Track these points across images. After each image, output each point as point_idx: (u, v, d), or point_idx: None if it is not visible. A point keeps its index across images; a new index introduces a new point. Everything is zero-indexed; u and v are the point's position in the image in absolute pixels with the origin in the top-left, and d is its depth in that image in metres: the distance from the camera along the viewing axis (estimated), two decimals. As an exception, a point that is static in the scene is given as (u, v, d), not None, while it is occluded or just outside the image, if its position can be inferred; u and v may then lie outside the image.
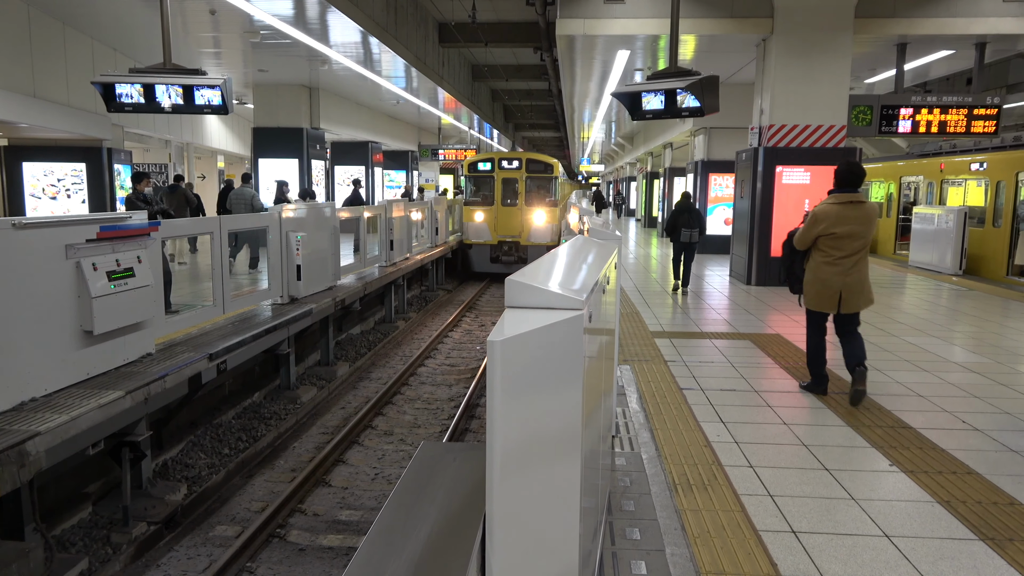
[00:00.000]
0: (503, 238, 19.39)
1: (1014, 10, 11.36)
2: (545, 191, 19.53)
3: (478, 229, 19.43)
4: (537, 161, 19.71)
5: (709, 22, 11.68)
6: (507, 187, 19.49)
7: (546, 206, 19.32)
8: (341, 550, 5.40)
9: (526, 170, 19.39)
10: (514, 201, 19.44)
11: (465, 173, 20.10)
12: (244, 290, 8.65)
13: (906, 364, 7.06)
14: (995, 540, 3.59)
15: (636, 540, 3.57)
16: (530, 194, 19.43)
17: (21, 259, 4.72)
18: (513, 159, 19.74)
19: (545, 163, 19.67)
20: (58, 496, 5.40)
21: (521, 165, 19.46)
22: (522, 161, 19.56)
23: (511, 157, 19.86)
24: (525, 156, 19.73)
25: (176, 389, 5.85)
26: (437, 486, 2.65)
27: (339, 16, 11.28)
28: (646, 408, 5.65)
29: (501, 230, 19.38)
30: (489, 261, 19.56)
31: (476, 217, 19.44)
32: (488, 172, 19.55)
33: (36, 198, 13.98)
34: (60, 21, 12.52)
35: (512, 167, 19.49)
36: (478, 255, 19.69)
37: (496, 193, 19.45)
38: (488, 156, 20.01)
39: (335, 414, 8.51)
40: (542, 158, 19.89)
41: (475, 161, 19.99)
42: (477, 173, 19.71)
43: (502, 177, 19.44)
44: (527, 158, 19.66)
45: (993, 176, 14.20)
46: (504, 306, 2.11)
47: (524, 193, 19.31)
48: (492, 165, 19.57)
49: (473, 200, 19.75)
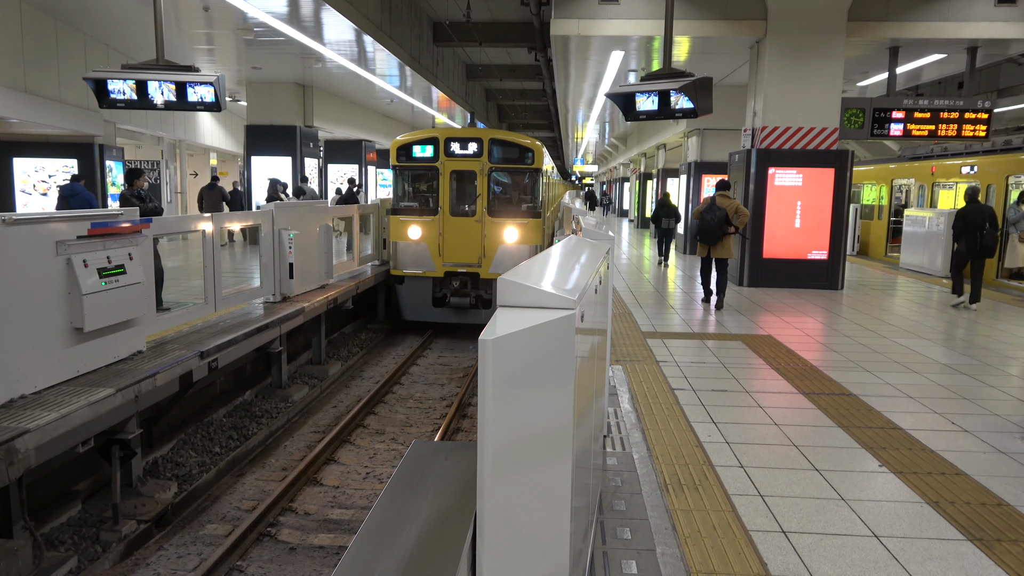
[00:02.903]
0: (453, 268, 12.20)
1: (1005, 14, 11.45)
2: (522, 192, 12.52)
3: (413, 253, 12.22)
4: (508, 143, 12.37)
5: (703, 24, 11.72)
6: (460, 186, 12.42)
7: (523, 217, 12.18)
8: (332, 549, 5.39)
9: (490, 158, 12.09)
10: (471, 208, 12.22)
11: (393, 163, 12.37)
12: (235, 288, 8.61)
13: (896, 365, 7.09)
14: (983, 541, 3.62)
15: (627, 540, 3.58)
16: (497, 197, 12.35)
17: (11, 256, 4.69)
18: (469, 139, 12.18)
19: (521, 146, 12.33)
20: (47, 494, 5.37)
21: (482, 150, 12.05)
22: (483, 143, 12.09)
23: (465, 136, 12.27)
24: (488, 135, 12.34)
25: (167, 387, 5.83)
26: (428, 485, 2.65)
27: (333, 14, 11.26)
28: (638, 408, 5.66)
29: (450, 255, 12.19)
30: (431, 304, 12.32)
31: (409, 234, 12.18)
32: (428, 161, 12.12)
33: (27, 194, 13.90)
34: (52, 17, 12.45)
35: (468, 153, 12.07)
36: (413, 294, 12.38)
37: (442, 196, 12.12)
38: (428, 135, 12.27)
39: (327, 413, 8.49)
40: (516, 138, 12.57)
41: (407, 143, 12.25)
42: (410, 163, 12.27)
43: (451, 169, 12.12)
44: (492, 138, 12.27)
45: (983, 180, 14.29)
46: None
47: (487, 195, 12.12)
48: (435, 149, 12.10)
49: (405, 207, 12.33)
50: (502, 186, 12.54)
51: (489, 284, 12.15)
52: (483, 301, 12.24)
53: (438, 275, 12.23)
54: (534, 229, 12.27)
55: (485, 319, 10.27)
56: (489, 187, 12.17)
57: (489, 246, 12.15)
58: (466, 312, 12.25)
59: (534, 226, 12.28)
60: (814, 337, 8.51)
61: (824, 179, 12.06)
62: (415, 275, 12.27)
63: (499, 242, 12.13)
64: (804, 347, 7.90)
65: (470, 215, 12.20)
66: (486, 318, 10.91)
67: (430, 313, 12.39)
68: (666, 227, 16.34)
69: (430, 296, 12.31)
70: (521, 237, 12.14)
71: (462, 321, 12.32)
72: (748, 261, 12.41)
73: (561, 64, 15.45)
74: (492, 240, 12.13)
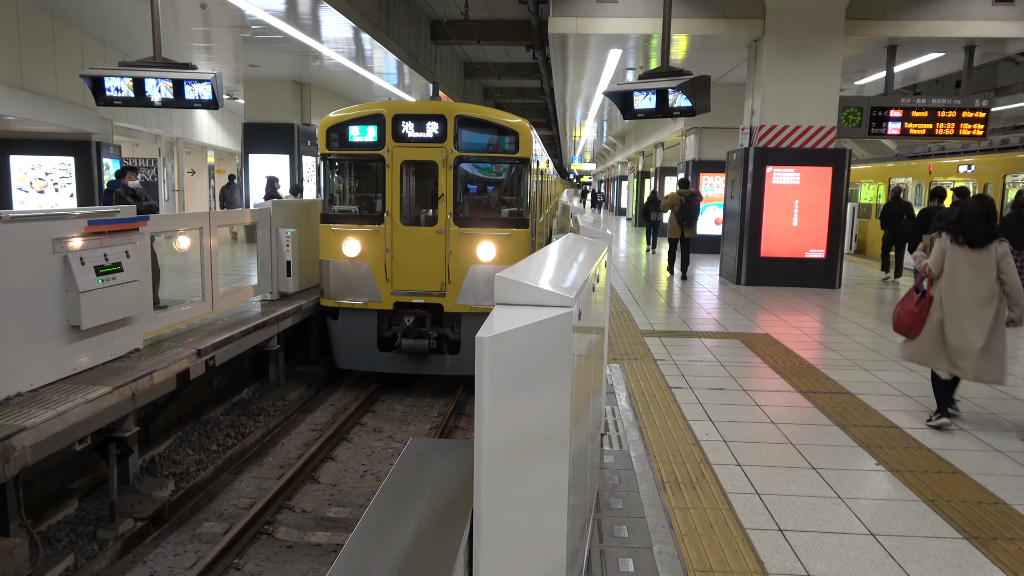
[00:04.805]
0: (406, 297, 8.74)
1: (1002, 13, 11.46)
2: (503, 191, 9.28)
3: (350, 276, 8.78)
4: (483, 123, 8.70)
5: (701, 22, 11.72)
6: (416, 182, 9.30)
7: (503, 226, 8.70)
8: (329, 547, 5.39)
9: (458, 143, 8.55)
10: (430, 214, 8.88)
11: (322, 150, 8.88)
12: (233, 286, 8.59)
13: (893, 364, 7.10)
14: (979, 539, 3.63)
15: (624, 538, 3.59)
16: (469, 198, 9.13)
17: (7, 253, 4.68)
18: (427, 117, 8.59)
19: (500, 126, 8.68)
20: (44, 492, 5.36)
21: (445, 131, 8.51)
22: (447, 123, 8.51)
23: (422, 113, 8.66)
24: (455, 110, 8.69)
25: (164, 385, 5.82)
26: (425, 482, 2.65)
27: (331, 12, 11.24)
28: (635, 407, 5.66)
29: (402, 280, 8.72)
30: (375, 346, 8.85)
31: (345, 249, 8.74)
32: (370, 148, 8.65)
33: (24, 192, 13.87)
34: (49, 14, 12.41)
35: (426, 136, 8.57)
36: (350, 333, 8.90)
37: (390, 196, 8.65)
38: (370, 110, 8.74)
39: (324, 411, 8.49)
40: (494, 116, 8.81)
41: (340, 123, 8.74)
42: (345, 151, 8.80)
43: (403, 159, 8.64)
44: (461, 115, 8.61)
45: (981, 178, 14.31)
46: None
47: (454, 196, 8.61)
48: (379, 131, 8.60)
49: (339, 213, 8.96)
50: (475, 182, 9.29)
51: (456, 320, 8.72)
52: (449, 343, 8.80)
53: (385, 307, 8.70)
54: (519, 243, 8.61)
55: (452, 368, 8.78)
56: (457, 184, 8.62)
57: (456, 267, 8.56)
58: (424, 360, 8.73)
59: (519, 239, 8.62)
60: (811, 336, 8.52)
61: (822, 178, 12.08)
62: (354, 306, 8.74)
63: (470, 261, 8.54)
64: (801, 346, 7.91)
65: (430, 224, 8.68)
66: (454, 367, 8.81)
67: (374, 360, 8.86)
68: (654, 220, 19.07)
69: (374, 336, 8.78)
70: (501, 254, 8.51)
71: (419, 372, 8.86)
72: (746, 260, 12.42)
73: (559, 62, 15.45)
74: (461, 259, 8.55)
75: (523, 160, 8.82)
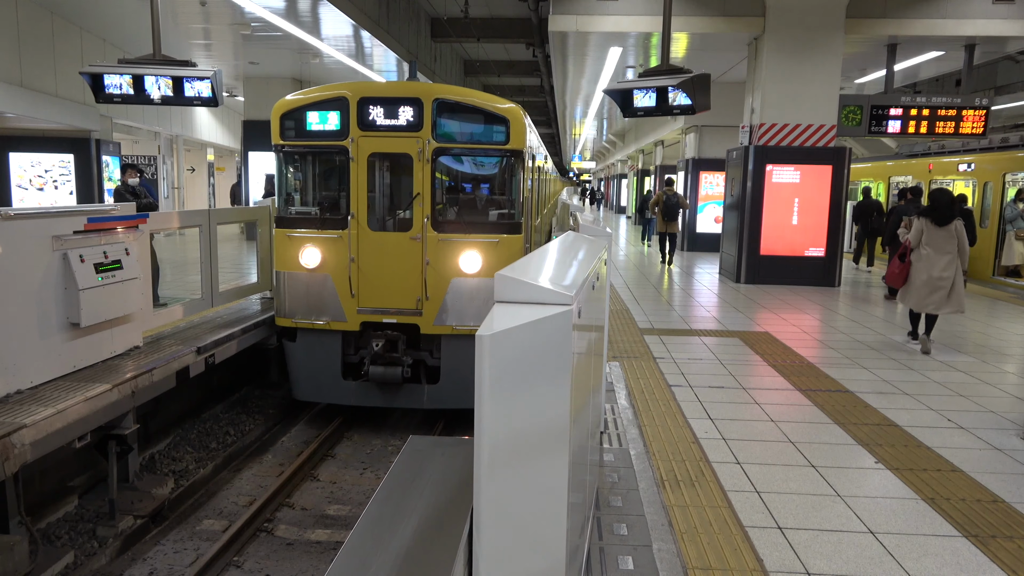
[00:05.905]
0: (375, 316, 7.51)
1: (1003, 12, 11.45)
2: (492, 189, 8.02)
3: (309, 291, 7.56)
4: (466, 107, 7.46)
5: (701, 20, 11.71)
6: (387, 179, 8.08)
7: (491, 231, 7.51)
8: (329, 544, 5.39)
9: (436, 133, 7.34)
10: (404, 217, 7.60)
11: (276, 141, 7.70)
12: (233, 284, 8.57)
13: (892, 363, 7.11)
14: (979, 537, 3.63)
15: (623, 536, 3.59)
16: (449, 198, 8.01)
17: (7, 250, 4.68)
18: (400, 101, 7.36)
19: (487, 112, 7.44)
20: (44, 489, 5.36)
21: (421, 118, 7.31)
22: (423, 108, 7.30)
23: (394, 96, 7.43)
24: (434, 93, 7.37)
25: (164, 382, 5.82)
26: (425, 480, 2.65)
27: (331, 9, 11.23)
28: (634, 405, 5.67)
29: (370, 296, 7.49)
30: (339, 374, 7.63)
31: (303, 259, 7.52)
32: (332, 138, 7.45)
33: (23, 189, 13.87)
34: (49, 11, 12.40)
35: (398, 123, 7.36)
36: (312, 357, 7.65)
37: (355, 196, 7.42)
38: (332, 92, 7.49)
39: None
40: (480, 100, 7.52)
41: (297, 107, 7.63)
42: (303, 142, 7.64)
43: (371, 152, 7.44)
44: (439, 99, 7.32)
45: (980, 177, 14.31)
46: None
47: (432, 196, 7.43)
48: (342, 118, 7.40)
49: (296, 216, 7.82)
50: (458, 179, 8.07)
51: (435, 343, 7.51)
52: (427, 371, 7.58)
53: (350, 328, 7.49)
54: (510, 252, 7.37)
55: (430, 401, 7.44)
56: (435, 182, 7.45)
57: (435, 280, 7.36)
58: (396, 391, 7.53)
59: (510, 247, 7.43)
60: (811, 334, 8.53)
61: (821, 176, 12.07)
62: (314, 327, 7.52)
63: (452, 273, 7.36)
64: (801, 344, 7.91)
65: (403, 229, 7.49)
66: (432, 399, 7.45)
67: (337, 390, 7.64)
68: (649, 217, 19.77)
69: (338, 362, 7.58)
70: (488, 265, 7.31)
71: (390, 404, 7.70)
72: (745, 258, 12.42)
73: (559, 60, 15.44)
74: (440, 270, 7.36)
75: (515, 153, 7.47)
